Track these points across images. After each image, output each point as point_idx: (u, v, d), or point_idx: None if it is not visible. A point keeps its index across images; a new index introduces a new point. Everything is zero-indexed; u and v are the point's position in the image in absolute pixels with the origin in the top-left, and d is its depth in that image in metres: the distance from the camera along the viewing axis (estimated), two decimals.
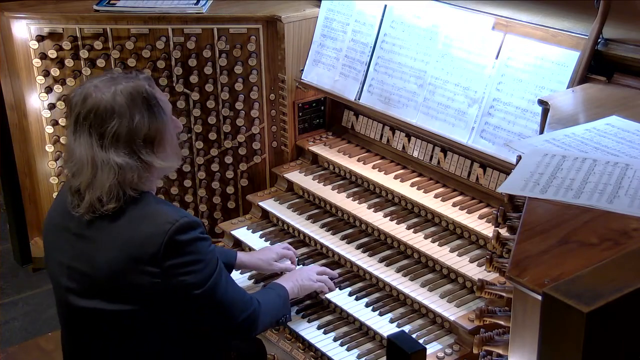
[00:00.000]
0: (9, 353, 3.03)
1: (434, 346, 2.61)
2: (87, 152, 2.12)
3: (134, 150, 2.13)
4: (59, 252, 2.25)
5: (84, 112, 2.13)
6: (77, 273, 2.19)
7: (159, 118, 2.18)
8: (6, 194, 4.05)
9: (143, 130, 2.14)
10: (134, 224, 2.14)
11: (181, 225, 2.12)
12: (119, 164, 2.11)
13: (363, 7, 3.38)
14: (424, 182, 3.17)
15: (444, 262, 2.80)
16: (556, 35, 2.76)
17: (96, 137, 2.12)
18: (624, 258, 1.48)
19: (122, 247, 2.12)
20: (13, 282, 4.08)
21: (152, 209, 2.17)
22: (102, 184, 2.11)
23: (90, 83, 2.18)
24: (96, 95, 2.13)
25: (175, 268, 2.13)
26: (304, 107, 3.65)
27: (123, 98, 2.12)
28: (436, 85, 3.07)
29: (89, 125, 2.12)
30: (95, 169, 2.11)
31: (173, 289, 2.15)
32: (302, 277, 2.81)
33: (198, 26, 3.56)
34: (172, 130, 2.27)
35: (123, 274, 2.12)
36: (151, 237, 2.11)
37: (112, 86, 2.14)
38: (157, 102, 2.19)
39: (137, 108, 2.13)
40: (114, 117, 2.11)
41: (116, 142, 2.12)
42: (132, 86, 2.15)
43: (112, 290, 2.15)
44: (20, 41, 3.60)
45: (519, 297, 1.49)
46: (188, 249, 2.14)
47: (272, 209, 3.38)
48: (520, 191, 1.80)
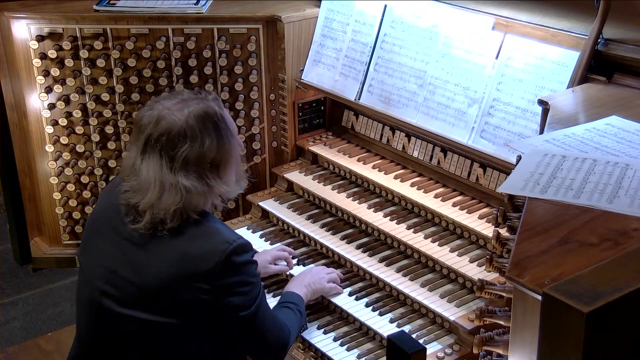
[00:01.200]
0: (9, 353, 3.03)
1: (434, 346, 2.61)
2: (156, 174, 2.11)
3: (201, 175, 2.14)
4: (102, 254, 2.23)
5: (156, 135, 2.12)
6: (121, 279, 2.18)
7: (226, 141, 2.18)
8: (6, 194, 4.05)
9: (212, 154, 2.14)
10: (191, 240, 2.14)
11: (238, 246, 2.15)
12: (187, 188, 2.11)
13: (363, 7, 3.38)
14: (424, 182, 3.17)
15: (444, 262, 2.81)
16: (556, 35, 2.76)
17: (166, 160, 2.11)
18: (624, 258, 1.48)
19: (176, 261, 2.12)
20: (13, 282, 4.09)
21: (209, 227, 2.18)
22: (167, 206, 2.11)
23: (160, 105, 2.17)
24: (169, 118, 2.12)
25: (226, 287, 2.15)
26: (304, 107, 3.65)
27: (194, 121, 2.12)
28: (436, 85, 3.07)
29: (160, 147, 2.12)
30: (162, 191, 2.11)
31: (219, 308, 2.16)
32: (313, 280, 2.81)
33: (198, 26, 3.56)
34: (238, 154, 2.28)
35: (173, 287, 2.12)
36: (207, 255, 2.11)
37: (185, 109, 2.14)
38: (226, 125, 2.20)
39: (207, 132, 2.13)
40: (186, 141, 2.11)
41: (186, 165, 2.11)
42: (203, 109, 2.15)
43: (156, 301, 2.15)
44: (20, 41, 3.60)
45: (519, 297, 1.49)
46: (241, 270, 2.17)
47: (272, 209, 3.38)
48: (520, 191, 1.80)
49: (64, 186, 3.80)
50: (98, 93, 3.65)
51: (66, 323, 3.71)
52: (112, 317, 2.20)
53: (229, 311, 2.19)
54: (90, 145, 3.75)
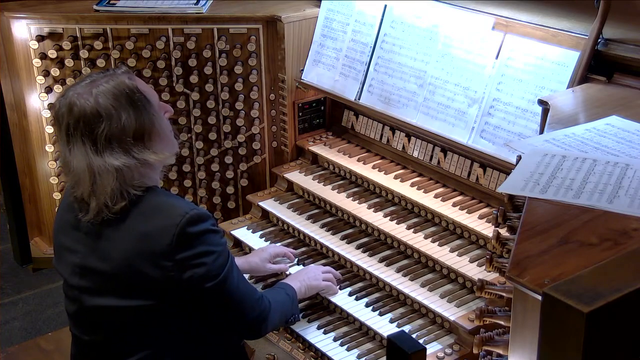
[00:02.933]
0: (9, 353, 3.02)
1: (434, 346, 2.61)
2: (84, 161, 2.11)
3: (127, 150, 2.12)
4: (70, 253, 2.26)
5: (72, 122, 2.12)
6: (91, 271, 2.20)
7: (144, 111, 2.16)
8: (6, 194, 4.05)
9: (132, 127, 2.12)
10: (146, 218, 2.14)
11: (191, 217, 2.13)
12: (116, 167, 2.10)
13: (363, 7, 3.38)
14: (424, 182, 3.17)
15: (444, 262, 2.80)
16: (556, 35, 2.76)
17: (89, 144, 2.11)
18: (624, 258, 1.48)
19: (135, 242, 2.13)
20: (13, 282, 4.09)
21: (161, 202, 2.18)
22: (104, 189, 2.11)
23: (71, 91, 2.16)
24: (80, 103, 2.11)
25: (187, 260, 2.13)
26: (304, 107, 3.65)
27: (106, 99, 2.11)
28: (436, 85, 3.07)
29: (80, 134, 2.11)
30: (94, 176, 2.11)
31: (185, 282, 2.15)
32: (308, 277, 2.81)
33: (198, 26, 3.55)
34: (162, 120, 2.25)
35: (137, 268, 2.13)
36: (163, 231, 2.11)
37: (93, 89, 2.13)
38: (141, 95, 2.17)
39: (122, 107, 2.12)
40: (101, 120, 2.10)
41: (109, 144, 2.11)
42: (112, 85, 2.14)
43: (126, 285, 2.16)
44: (20, 41, 3.60)
45: (519, 297, 1.49)
46: (199, 241, 2.15)
47: (272, 209, 3.38)
48: (520, 191, 1.80)
49: (64, 186, 3.79)
50: None
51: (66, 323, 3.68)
52: (90, 310, 2.23)
53: (195, 283, 2.16)
54: None
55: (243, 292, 2.31)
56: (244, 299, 2.32)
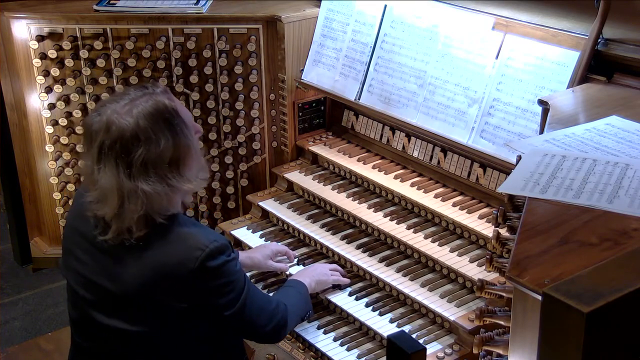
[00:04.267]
0: (9, 353, 3.03)
1: (434, 346, 2.61)
2: (114, 183, 2.03)
3: (162, 176, 2.05)
4: (78, 261, 2.21)
5: (108, 142, 2.03)
6: (98, 288, 2.15)
7: (182, 136, 2.09)
8: (6, 194, 4.05)
9: (169, 153, 2.06)
10: (165, 248, 2.09)
11: (211, 251, 2.09)
12: (147, 193, 2.03)
13: (363, 7, 3.38)
14: (424, 182, 3.17)
15: (444, 262, 2.80)
16: (556, 35, 2.76)
17: (123, 167, 2.03)
18: (624, 258, 1.48)
19: (152, 271, 2.08)
20: (13, 282, 4.09)
21: (182, 232, 2.12)
22: (131, 214, 2.04)
23: (108, 108, 2.06)
24: (119, 123, 2.02)
25: (205, 292, 2.13)
26: (304, 107, 3.65)
27: (146, 121, 2.03)
28: (436, 85, 3.07)
29: (115, 155, 2.03)
30: (122, 200, 2.03)
31: (202, 312, 2.15)
32: (316, 273, 2.82)
33: (198, 26, 3.55)
34: (197, 146, 2.19)
35: (150, 296, 2.10)
36: (182, 263, 2.07)
37: (133, 109, 2.04)
38: (180, 119, 2.11)
39: (161, 130, 2.04)
40: (140, 145, 2.02)
41: (145, 169, 2.03)
42: (152, 106, 2.06)
43: (135, 311, 2.13)
44: (20, 41, 3.60)
45: (519, 297, 1.49)
46: (218, 273, 2.12)
47: (272, 209, 3.38)
48: (520, 191, 1.80)
49: (64, 186, 3.80)
50: (98, 93, 3.65)
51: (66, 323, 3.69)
52: (97, 326, 2.19)
53: (214, 312, 2.18)
54: None
55: (260, 308, 2.32)
56: (262, 314, 2.33)
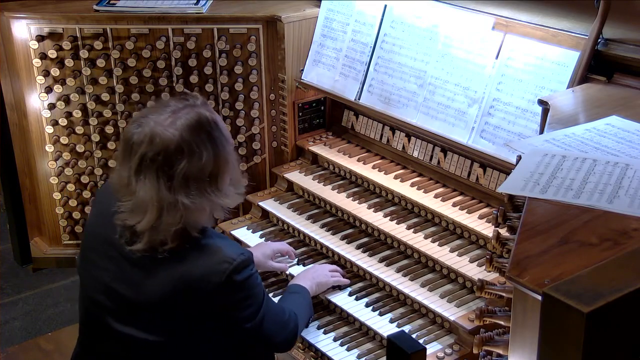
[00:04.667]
0: (9, 353, 3.03)
1: (434, 346, 2.61)
2: (153, 195, 2.01)
3: (201, 190, 2.05)
4: (98, 267, 2.18)
5: (151, 154, 2.01)
6: (116, 295, 2.14)
7: (222, 150, 2.09)
8: (6, 194, 4.05)
9: (210, 166, 2.05)
10: (191, 260, 2.08)
11: (238, 265, 2.09)
12: (186, 206, 2.02)
13: (363, 7, 3.38)
14: (424, 182, 3.17)
15: (444, 262, 2.80)
16: (556, 35, 2.76)
17: (164, 180, 2.01)
18: (624, 258, 1.48)
19: (175, 281, 2.07)
20: (13, 282, 4.09)
21: (209, 244, 2.11)
22: (168, 228, 2.03)
23: (150, 120, 2.04)
24: (164, 135, 2.00)
25: (228, 305, 2.14)
26: (304, 107, 3.65)
27: (189, 134, 2.02)
28: (436, 85, 3.07)
29: (156, 167, 2.01)
30: (161, 212, 2.02)
31: (223, 324, 2.16)
32: (317, 275, 2.83)
33: (198, 26, 3.56)
34: (235, 159, 2.18)
35: (169, 306, 2.09)
36: (207, 276, 2.07)
37: (176, 121, 2.03)
38: (220, 132, 2.10)
39: (203, 144, 2.03)
40: (183, 158, 2.01)
41: (185, 183, 2.02)
42: (195, 118, 2.05)
43: (153, 319, 2.12)
44: (20, 41, 3.60)
45: (519, 297, 1.49)
46: (243, 287, 2.14)
47: (272, 209, 3.38)
48: (520, 191, 1.80)
49: (64, 186, 3.80)
50: (98, 93, 3.65)
51: (66, 323, 3.71)
52: (109, 331, 2.17)
53: (234, 324, 2.19)
54: (90, 145, 3.75)
55: (276, 319, 2.34)
56: (278, 325, 2.35)
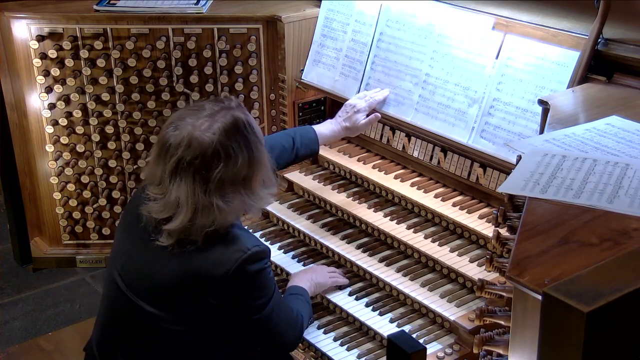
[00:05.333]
0: (9, 353, 3.02)
1: (434, 346, 2.61)
2: (188, 197, 2.05)
3: (236, 192, 2.09)
4: (124, 245, 2.24)
5: (188, 157, 2.04)
6: (134, 269, 2.19)
7: (257, 153, 2.12)
8: (6, 194, 4.06)
9: (244, 170, 2.09)
10: (209, 246, 2.11)
11: (252, 254, 2.11)
12: (221, 208, 2.06)
13: (363, 7, 3.38)
14: (424, 182, 3.17)
15: (444, 262, 2.80)
16: (556, 35, 2.76)
17: (200, 183, 2.05)
18: (624, 258, 1.48)
19: (190, 262, 2.10)
20: (13, 282, 4.09)
21: (229, 233, 2.14)
22: (200, 229, 2.07)
23: (187, 123, 2.07)
24: (202, 139, 2.04)
25: (238, 294, 2.15)
26: (304, 107, 3.65)
27: (226, 138, 2.05)
28: (436, 85, 3.07)
29: (194, 170, 2.05)
30: (195, 214, 2.06)
31: (231, 313, 2.17)
32: (315, 275, 2.83)
33: (198, 26, 3.56)
34: (268, 161, 2.20)
35: (182, 288, 2.12)
36: (221, 262, 2.09)
37: (213, 124, 2.06)
38: (255, 134, 2.13)
39: (239, 147, 2.07)
40: (220, 162, 2.05)
41: (221, 186, 2.06)
42: (231, 121, 2.08)
43: (163, 298, 2.15)
44: (20, 41, 3.60)
45: (519, 297, 1.49)
46: (254, 279, 2.15)
47: (272, 208, 3.37)
48: (520, 191, 1.80)
49: (64, 186, 3.80)
50: (98, 93, 3.65)
51: (66, 323, 3.71)
52: (123, 300, 2.21)
53: (242, 315, 2.20)
54: (90, 145, 3.75)
55: (285, 317, 2.35)
56: (285, 323, 2.36)
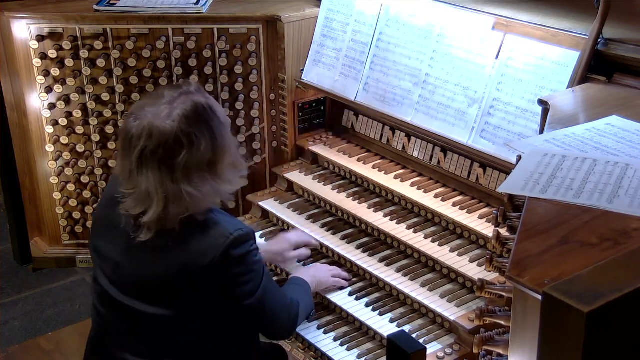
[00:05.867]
0: (9, 353, 3.02)
1: (434, 346, 2.61)
2: (157, 187, 2.05)
3: (202, 178, 2.08)
4: (108, 246, 2.22)
5: (151, 147, 2.03)
6: (125, 272, 2.18)
7: (220, 137, 2.11)
8: (6, 194, 4.05)
9: (209, 154, 2.08)
10: (191, 233, 2.11)
11: (236, 238, 2.11)
12: (191, 194, 2.06)
13: (363, 7, 3.38)
14: (424, 182, 3.17)
15: (444, 262, 2.81)
16: (556, 35, 2.76)
17: (167, 171, 2.04)
18: (624, 258, 1.48)
19: (176, 255, 2.10)
20: (13, 282, 4.08)
21: (208, 220, 2.14)
22: (174, 217, 2.07)
23: (146, 112, 2.06)
24: (162, 127, 2.02)
25: (227, 280, 2.14)
26: (304, 107, 3.65)
27: (187, 125, 2.04)
28: (436, 85, 3.07)
29: (158, 160, 2.04)
30: (167, 203, 2.05)
31: (223, 300, 2.16)
32: (318, 273, 2.83)
33: (198, 26, 3.56)
34: (234, 144, 2.20)
35: (173, 281, 2.12)
36: (206, 250, 2.09)
37: (173, 111, 2.05)
38: (217, 118, 2.12)
39: (201, 132, 2.06)
40: (183, 149, 2.04)
41: (188, 172, 2.06)
42: (191, 106, 2.07)
43: (157, 294, 2.15)
44: (20, 41, 3.60)
45: (519, 297, 1.49)
46: (241, 262, 2.14)
47: (272, 209, 3.38)
48: (520, 191, 1.80)
49: (64, 186, 3.80)
50: (98, 93, 3.65)
51: (66, 323, 3.71)
52: (116, 304, 2.21)
53: (234, 301, 2.19)
54: (90, 145, 3.75)
55: (278, 302, 2.34)
56: (280, 308, 2.35)
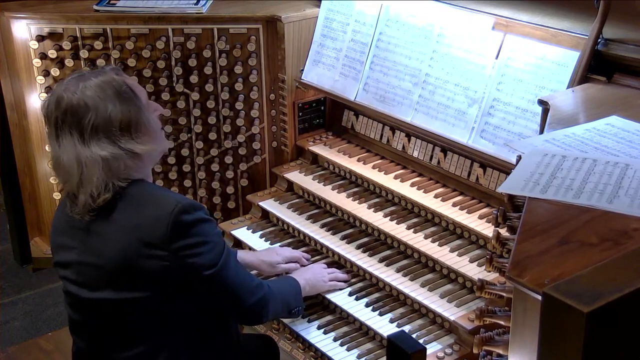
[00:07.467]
0: (9, 353, 3.02)
1: (434, 346, 2.61)
2: (72, 152, 2.14)
3: (113, 140, 2.15)
4: (67, 251, 2.26)
5: (60, 115, 2.15)
6: (87, 266, 2.21)
7: (131, 103, 2.20)
8: (6, 194, 4.05)
9: (118, 117, 2.16)
10: (136, 210, 2.16)
11: (184, 206, 2.14)
12: (102, 156, 2.13)
13: (363, 7, 3.38)
14: (424, 182, 3.17)
15: (444, 262, 2.81)
16: (556, 35, 2.76)
17: (77, 135, 2.14)
18: (624, 258, 1.48)
19: (129, 234, 2.14)
20: (13, 282, 4.09)
21: (151, 193, 2.20)
22: (91, 179, 2.13)
23: (59, 87, 2.21)
24: (68, 96, 2.15)
25: (183, 249, 2.14)
26: (304, 107, 3.65)
27: (93, 91, 2.15)
28: (436, 85, 3.07)
29: (68, 126, 2.15)
30: (82, 167, 2.13)
31: (183, 272, 2.16)
32: (314, 276, 2.83)
33: (198, 26, 3.56)
34: (150, 114, 2.28)
35: (132, 260, 2.14)
36: (156, 221, 2.12)
37: (81, 83, 2.17)
38: (128, 88, 2.21)
39: (108, 98, 2.16)
40: (88, 111, 2.13)
41: (96, 134, 2.14)
42: (100, 79, 2.19)
43: (122, 278, 2.17)
44: (20, 41, 3.60)
45: (519, 297, 1.49)
46: (194, 230, 2.16)
47: (272, 209, 3.38)
48: (520, 191, 1.80)
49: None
50: None
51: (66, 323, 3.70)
52: (87, 303, 2.24)
53: (193, 272, 2.18)
54: None
55: (242, 279, 2.33)
56: (243, 286, 2.33)
